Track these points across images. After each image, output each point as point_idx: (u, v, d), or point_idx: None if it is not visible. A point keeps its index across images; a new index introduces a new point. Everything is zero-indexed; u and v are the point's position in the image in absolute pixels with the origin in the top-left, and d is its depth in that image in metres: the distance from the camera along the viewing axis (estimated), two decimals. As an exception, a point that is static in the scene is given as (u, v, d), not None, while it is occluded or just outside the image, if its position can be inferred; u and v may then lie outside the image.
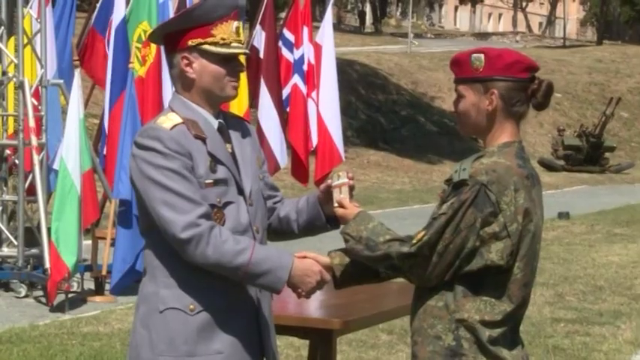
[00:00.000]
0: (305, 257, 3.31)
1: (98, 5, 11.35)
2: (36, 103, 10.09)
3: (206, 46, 3.25)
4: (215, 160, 3.25)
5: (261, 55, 15.07)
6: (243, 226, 3.28)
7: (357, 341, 7.68)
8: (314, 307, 4.95)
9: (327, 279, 3.34)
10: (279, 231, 3.54)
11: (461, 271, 3.08)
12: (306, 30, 15.58)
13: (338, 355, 4.72)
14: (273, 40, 15.18)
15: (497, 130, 3.22)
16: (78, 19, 12.13)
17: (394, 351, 7.58)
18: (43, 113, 10.10)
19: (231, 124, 3.40)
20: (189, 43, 3.26)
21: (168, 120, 3.25)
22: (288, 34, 15.64)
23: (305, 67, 15.44)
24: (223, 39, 3.26)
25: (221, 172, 3.26)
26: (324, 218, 3.48)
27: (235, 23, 3.31)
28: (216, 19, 3.26)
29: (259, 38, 15.19)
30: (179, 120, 3.25)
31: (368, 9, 70.84)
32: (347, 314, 4.40)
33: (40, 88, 10.20)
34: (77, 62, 9.92)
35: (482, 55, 3.20)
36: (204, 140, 3.25)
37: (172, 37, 3.31)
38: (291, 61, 15.50)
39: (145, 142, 3.21)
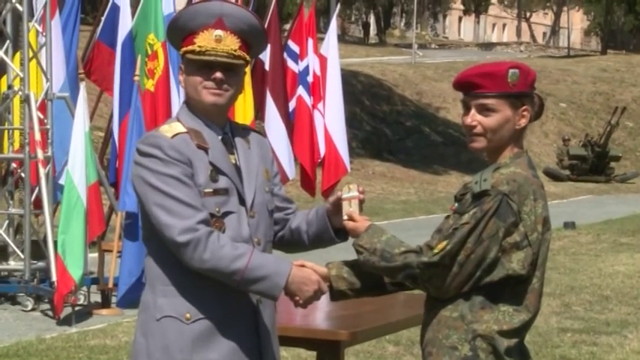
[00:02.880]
0: (303, 266, 3.31)
1: (103, 18, 11.39)
2: (42, 116, 10.10)
3: (188, 55, 3.30)
4: (216, 170, 3.27)
5: (267, 67, 15.10)
6: (243, 237, 3.28)
7: (364, 352, 7.67)
8: (321, 318, 4.95)
9: (324, 289, 3.34)
10: (291, 242, 3.54)
11: (481, 282, 3.08)
12: (310, 41, 15.61)
13: (345, 366, 4.71)
14: (278, 51, 15.20)
15: (513, 144, 3.24)
16: (82, 32, 12.16)
17: (401, 362, 7.58)
18: (48, 127, 10.12)
19: (238, 134, 3.41)
20: (181, 52, 3.32)
21: (170, 129, 3.28)
22: (293, 46, 15.68)
23: (310, 79, 15.47)
24: (200, 47, 3.27)
25: (222, 182, 3.27)
26: (331, 231, 3.47)
27: (216, 31, 3.28)
28: (198, 28, 3.28)
29: (265, 50, 15.22)
30: (182, 129, 3.27)
31: (372, 20, 70.93)
32: (354, 325, 4.40)
33: (45, 101, 10.22)
34: (82, 75, 9.95)
35: (517, 71, 3.18)
36: (206, 150, 3.27)
37: (176, 46, 3.38)
38: (297, 72, 15.54)
39: (145, 149, 3.24)
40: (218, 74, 3.27)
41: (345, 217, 3.36)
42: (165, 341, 3.23)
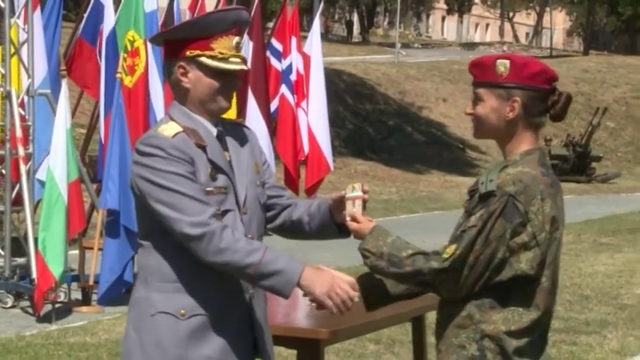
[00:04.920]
0: (319, 268, 3.30)
1: (86, 15, 11.34)
2: (23, 113, 10.06)
3: (204, 59, 3.28)
4: (216, 168, 3.29)
5: (249, 65, 15.08)
6: (239, 232, 3.30)
7: (345, 351, 7.67)
8: (302, 316, 4.95)
9: (353, 295, 3.31)
10: (291, 231, 3.60)
11: (490, 281, 3.08)
12: (294, 40, 15.61)
13: (325, 365, 4.71)
14: (261, 50, 15.18)
15: (517, 139, 3.23)
16: (64, 28, 12.11)
17: (382, 361, 7.58)
18: (30, 123, 10.08)
19: (229, 131, 3.43)
20: (188, 53, 3.29)
21: (169, 128, 3.28)
22: (276, 44, 15.67)
23: (294, 77, 15.47)
24: (222, 53, 3.29)
25: (221, 180, 3.29)
26: (335, 227, 3.50)
27: (236, 38, 3.33)
28: (216, 33, 3.29)
29: (247, 48, 15.19)
30: (179, 129, 3.28)
31: (355, 19, 70.94)
32: (334, 324, 4.40)
33: (27, 98, 10.18)
34: (64, 72, 9.92)
35: (507, 62, 3.19)
36: (204, 148, 3.28)
37: (172, 45, 3.34)
38: (280, 70, 15.53)
39: (146, 149, 3.24)
40: (236, 81, 3.33)
41: (348, 218, 3.34)
42: (159, 337, 3.24)
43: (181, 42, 3.30)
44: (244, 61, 3.34)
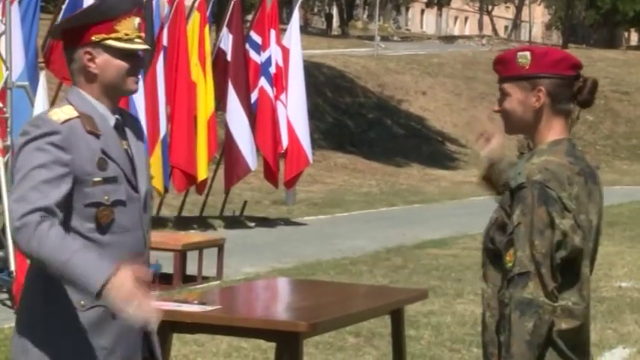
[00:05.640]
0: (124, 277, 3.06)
1: (64, 6, 11.30)
2: (1, 105, 10.01)
3: (110, 42, 3.28)
4: (107, 157, 3.25)
5: (229, 58, 15.05)
6: (134, 224, 3.30)
7: (324, 344, 7.67)
8: (281, 309, 4.95)
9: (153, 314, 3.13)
10: None
11: (559, 267, 3.04)
12: (273, 32, 15.59)
13: (305, 357, 4.71)
14: (240, 42, 15.17)
15: (544, 128, 3.22)
16: (42, 20, 12.06)
17: (361, 353, 7.59)
18: (8, 115, 10.02)
19: (127, 122, 3.42)
20: (93, 38, 3.28)
21: (61, 112, 3.26)
22: (255, 37, 15.64)
23: (273, 70, 15.46)
24: (127, 34, 3.30)
25: (112, 170, 3.26)
26: None
27: (137, 19, 3.35)
28: (119, 15, 3.29)
29: (226, 41, 15.17)
30: (74, 114, 3.25)
31: (335, 12, 70.92)
32: (314, 317, 4.40)
33: (5, 90, 10.12)
34: (42, 64, 9.86)
35: (528, 53, 3.20)
36: (97, 136, 3.26)
37: (74, 32, 3.32)
38: (259, 63, 15.50)
39: (27, 128, 3.24)
40: (141, 62, 3.36)
41: None
42: (59, 328, 3.23)
43: (83, 28, 3.30)
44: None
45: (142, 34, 3.37)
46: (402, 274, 11.49)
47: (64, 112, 3.25)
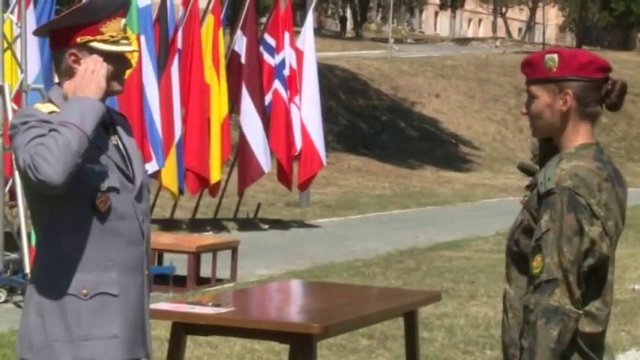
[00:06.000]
0: None
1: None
2: (16, 107, 10.04)
3: (95, 44, 3.30)
4: (93, 148, 3.25)
5: (243, 61, 15.07)
6: (128, 213, 3.33)
7: (338, 346, 7.68)
8: (294, 311, 4.96)
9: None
10: None
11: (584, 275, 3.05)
12: (287, 35, 15.60)
13: (318, 359, 4.72)
14: (254, 45, 15.18)
15: (571, 131, 3.20)
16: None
17: (374, 355, 7.59)
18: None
19: (116, 119, 3.46)
20: (78, 40, 3.30)
21: (45, 107, 3.30)
22: (269, 39, 15.66)
23: (287, 72, 15.46)
24: (112, 36, 3.31)
25: (102, 159, 3.29)
26: None
27: (123, 20, 3.37)
28: (105, 17, 3.31)
29: (240, 43, 15.19)
30: (57, 110, 3.28)
31: (349, 14, 70.92)
32: (327, 319, 4.41)
33: (20, 92, 10.16)
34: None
35: (555, 56, 3.17)
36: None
37: (60, 33, 3.35)
38: (273, 65, 15.51)
39: (15, 120, 3.26)
40: (128, 64, 3.38)
41: None
42: (64, 318, 3.25)
43: (70, 29, 3.32)
44: (131, 41, 3.37)
45: (128, 35, 3.39)
46: (415, 277, 11.49)
47: (47, 107, 3.30)
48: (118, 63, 3.34)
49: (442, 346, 7.93)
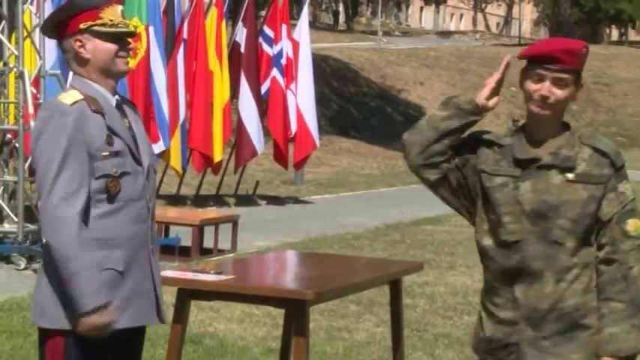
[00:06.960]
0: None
1: None
2: (35, 91, 10.03)
3: (97, 28, 3.30)
4: (112, 133, 3.29)
5: (243, 51, 15.04)
6: (139, 194, 3.34)
7: (329, 311, 7.70)
8: (289, 279, 4.96)
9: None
10: None
11: None
12: (284, 27, 15.56)
13: (311, 323, 4.73)
14: (253, 36, 15.15)
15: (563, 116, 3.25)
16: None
17: (362, 320, 7.61)
18: (41, 101, 10.05)
19: (126, 103, 3.46)
20: (81, 26, 3.31)
21: (69, 96, 3.29)
22: (268, 31, 15.62)
23: (284, 61, 15.44)
24: (111, 20, 3.32)
25: (117, 144, 3.29)
26: None
27: (120, 7, 3.39)
28: (102, 4, 3.33)
29: (241, 35, 15.16)
30: (80, 97, 3.28)
31: (341, 8, 70.71)
32: (319, 286, 4.42)
33: (38, 77, 10.15)
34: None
35: (587, 50, 3.17)
36: (102, 114, 3.29)
37: (63, 25, 3.35)
38: (271, 55, 15.48)
39: (42, 114, 3.28)
40: (131, 45, 3.40)
41: None
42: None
43: (71, 19, 3.32)
44: (130, 25, 3.40)
45: (126, 21, 3.39)
46: (400, 248, 11.51)
47: (71, 96, 3.29)
48: (120, 44, 3.33)
49: (424, 312, 7.96)
